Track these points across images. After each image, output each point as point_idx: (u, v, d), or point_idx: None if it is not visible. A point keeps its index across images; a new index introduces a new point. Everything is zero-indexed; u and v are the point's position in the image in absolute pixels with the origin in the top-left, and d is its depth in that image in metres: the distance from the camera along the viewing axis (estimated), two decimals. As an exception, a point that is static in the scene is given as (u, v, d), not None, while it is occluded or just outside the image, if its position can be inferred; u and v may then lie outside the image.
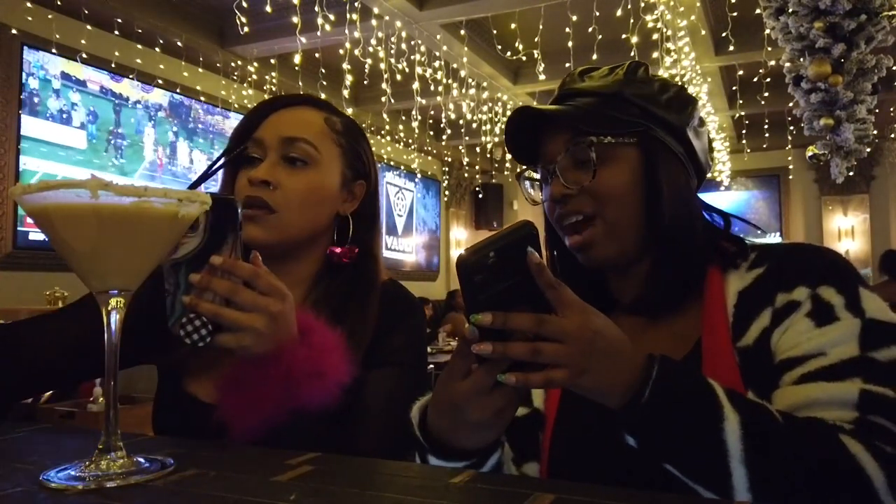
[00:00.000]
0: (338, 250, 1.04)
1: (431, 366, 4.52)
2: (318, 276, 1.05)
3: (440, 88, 5.75)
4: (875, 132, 3.80)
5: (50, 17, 4.40)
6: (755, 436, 0.64)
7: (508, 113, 6.57)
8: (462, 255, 0.63)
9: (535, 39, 5.05)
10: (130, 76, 5.05)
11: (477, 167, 8.05)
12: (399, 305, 1.05)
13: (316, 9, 4.35)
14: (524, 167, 0.96)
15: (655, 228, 0.85)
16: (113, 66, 4.92)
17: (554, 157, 0.88)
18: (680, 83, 0.92)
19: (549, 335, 0.63)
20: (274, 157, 1.01)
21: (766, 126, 6.98)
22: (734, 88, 6.36)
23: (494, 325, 0.63)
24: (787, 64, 3.54)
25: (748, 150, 7.97)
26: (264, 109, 1.07)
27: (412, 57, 5.31)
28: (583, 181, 0.85)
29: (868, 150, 3.82)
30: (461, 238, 10.29)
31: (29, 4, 4.30)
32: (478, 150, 7.73)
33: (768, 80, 5.81)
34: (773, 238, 8.81)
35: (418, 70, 5.41)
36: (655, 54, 5.08)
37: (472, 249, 0.64)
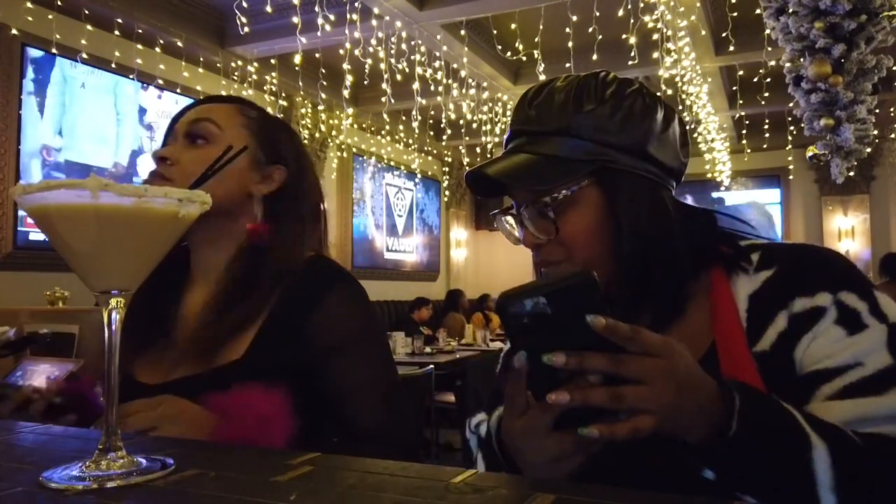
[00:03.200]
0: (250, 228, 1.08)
1: (432, 365, 4.51)
2: (234, 258, 1.07)
3: (440, 88, 5.75)
4: (875, 132, 3.80)
5: (50, 17, 4.41)
6: (843, 462, 0.63)
7: (509, 113, 6.57)
8: (503, 297, 0.61)
9: (535, 39, 5.05)
10: (130, 76, 5.06)
11: (477, 167, 8.03)
12: (318, 280, 1.06)
13: (316, 9, 4.36)
14: (497, 210, 0.93)
15: (626, 259, 0.82)
16: (113, 66, 4.93)
17: (520, 202, 0.87)
18: (638, 85, 0.86)
19: (631, 377, 0.60)
20: (180, 139, 1.09)
21: (766, 126, 6.98)
22: (734, 88, 6.37)
23: (568, 367, 0.59)
24: (787, 64, 3.54)
25: (748, 150, 7.97)
26: (191, 105, 1.15)
27: (412, 57, 5.31)
28: (549, 233, 0.84)
29: (868, 150, 3.81)
30: (461, 238, 10.29)
31: (29, 4, 4.30)
32: (478, 150, 7.73)
33: (768, 80, 5.81)
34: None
35: (418, 70, 5.41)
36: (655, 54, 5.09)
37: (516, 293, 0.61)
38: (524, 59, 5.51)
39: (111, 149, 5.14)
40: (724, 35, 5.01)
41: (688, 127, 0.93)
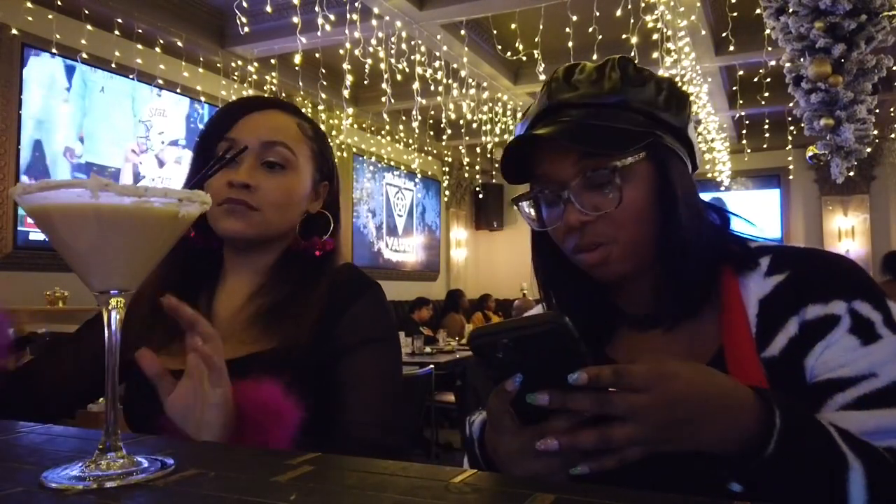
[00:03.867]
0: (315, 242, 1.12)
1: (432, 365, 4.52)
2: (274, 265, 1.11)
3: (440, 88, 5.75)
4: (875, 132, 3.80)
5: (50, 17, 4.41)
6: (876, 481, 0.63)
7: (509, 113, 6.54)
8: (475, 334, 0.61)
9: (535, 39, 5.05)
10: (130, 76, 5.06)
11: (477, 167, 8.04)
12: (352, 286, 1.10)
13: (316, 9, 4.36)
14: (521, 194, 0.89)
15: (671, 239, 0.81)
16: (113, 66, 4.93)
17: (563, 180, 0.81)
18: (669, 79, 0.88)
19: (616, 415, 0.60)
20: (253, 160, 1.06)
21: (766, 126, 6.98)
22: (734, 88, 6.37)
23: (552, 406, 0.59)
24: (787, 64, 3.54)
25: (748, 150, 7.97)
26: (237, 111, 1.11)
27: (412, 57, 5.31)
28: (603, 207, 0.79)
29: (868, 150, 3.81)
30: (461, 238, 10.29)
31: (29, 4, 4.31)
32: (478, 150, 7.73)
33: (768, 80, 5.82)
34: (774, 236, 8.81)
35: (418, 70, 5.42)
36: (655, 54, 5.09)
37: (488, 331, 0.60)
38: (524, 59, 5.51)
39: (127, 150, 5.23)
40: (724, 35, 5.01)
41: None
